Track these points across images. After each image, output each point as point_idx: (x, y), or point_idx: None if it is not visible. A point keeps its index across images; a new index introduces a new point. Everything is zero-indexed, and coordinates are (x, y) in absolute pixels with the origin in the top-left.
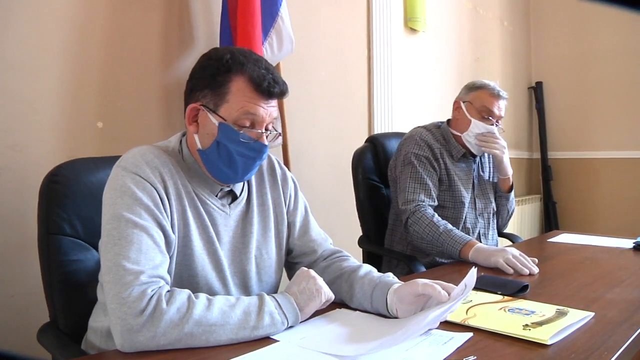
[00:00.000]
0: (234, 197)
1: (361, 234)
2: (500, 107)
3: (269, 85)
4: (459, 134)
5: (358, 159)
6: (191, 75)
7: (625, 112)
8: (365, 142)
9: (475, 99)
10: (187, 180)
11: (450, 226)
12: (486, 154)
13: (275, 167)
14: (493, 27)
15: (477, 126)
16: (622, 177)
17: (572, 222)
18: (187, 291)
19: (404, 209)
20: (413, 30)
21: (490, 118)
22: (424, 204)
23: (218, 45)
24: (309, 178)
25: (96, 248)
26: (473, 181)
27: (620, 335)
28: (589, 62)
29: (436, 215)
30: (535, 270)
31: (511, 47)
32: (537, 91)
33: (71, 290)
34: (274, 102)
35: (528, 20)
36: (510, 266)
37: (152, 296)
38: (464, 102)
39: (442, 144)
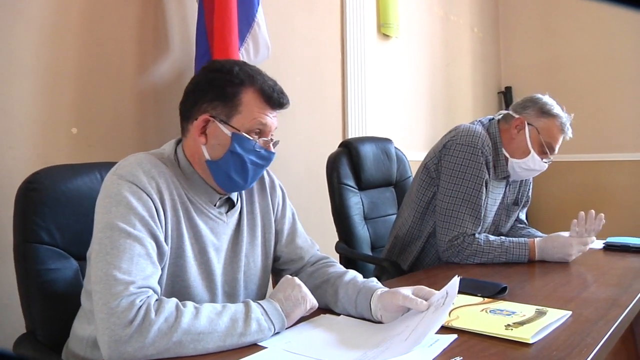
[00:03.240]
0: (230, 206)
1: (337, 239)
2: (560, 143)
3: (279, 97)
4: (508, 156)
5: (332, 164)
6: (194, 88)
7: (591, 116)
8: (339, 146)
9: (545, 128)
10: (184, 190)
11: (496, 243)
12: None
13: (264, 175)
14: (463, 33)
15: (534, 161)
16: (591, 180)
17: (543, 223)
18: (174, 300)
19: (447, 247)
20: (386, 36)
21: (548, 154)
22: (464, 238)
23: (194, 51)
24: (284, 183)
25: (75, 256)
26: (502, 202)
27: (597, 332)
28: (556, 68)
29: (476, 242)
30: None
31: (481, 53)
32: (506, 96)
33: (50, 300)
34: (277, 112)
35: (497, 27)
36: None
37: (140, 307)
38: (529, 124)
39: (491, 155)
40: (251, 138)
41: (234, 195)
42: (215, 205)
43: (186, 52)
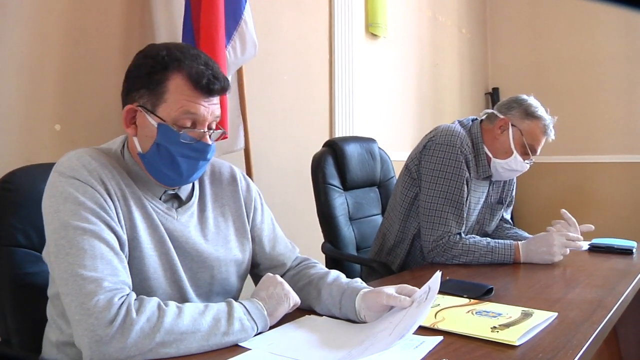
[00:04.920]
0: (180, 201)
1: (322, 239)
2: (542, 144)
3: (209, 82)
4: (490, 155)
5: (317, 164)
6: (127, 75)
7: (577, 117)
8: (324, 146)
9: (528, 130)
10: (132, 182)
11: (482, 244)
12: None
13: (237, 178)
14: (451, 34)
15: (516, 162)
16: (575, 181)
17: (527, 225)
18: (156, 299)
19: (432, 247)
20: (374, 35)
21: (530, 155)
22: (449, 238)
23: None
24: (270, 182)
25: None
26: (486, 201)
27: (583, 334)
28: (543, 69)
29: (462, 241)
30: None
31: (469, 54)
32: (493, 97)
33: (27, 306)
34: (216, 100)
35: (485, 28)
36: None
37: (120, 305)
38: (513, 125)
39: (471, 154)
40: (177, 129)
41: (183, 192)
42: (160, 199)
43: None
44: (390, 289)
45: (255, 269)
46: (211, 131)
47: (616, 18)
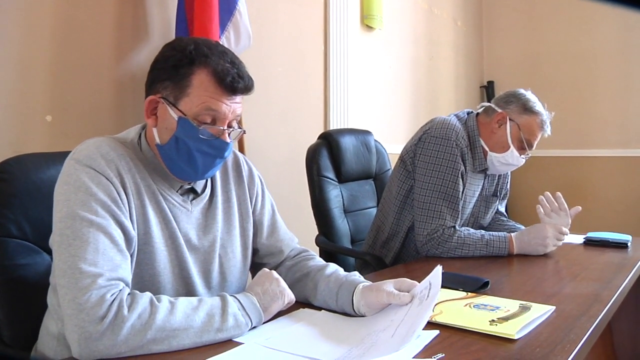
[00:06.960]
0: (195, 194)
1: (317, 232)
2: (538, 139)
3: (233, 80)
4: (487, 149)
5: (312, 156)
6: (153, 66)
7: (572, 111)
8: (319, 138)
9: (526, 125)
10: (147, 174)
11: (477, 236)
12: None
13: (241, 164)
14: (447, 26)
15: (512, 156)
16: (571, 175)
17: (523, 218)
18: (148, 294)
19: (426, 240)
20: (369, 27)
21: (527, 150)
22: (443, 230)
23: (174, 38)
24: (264, 175)
25: (47, 251)
26: (481, 194)
27: (580, 328)
28: (539, 63)
29: (457, 234)
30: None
31: (464, 47)
32: (488, 90)
33: (19, 298)
34: (239, 98)
35: (481, 21)
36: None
37: (112, 302)
38: (511, 120)
39: (467, 147)
40: (196, 124)
41: (199, 184)
42: (177, 192)
43: (166, 39)
44: (389, 286)
45: (254, 256)
46: (231, 129)
47: (612, 12)
